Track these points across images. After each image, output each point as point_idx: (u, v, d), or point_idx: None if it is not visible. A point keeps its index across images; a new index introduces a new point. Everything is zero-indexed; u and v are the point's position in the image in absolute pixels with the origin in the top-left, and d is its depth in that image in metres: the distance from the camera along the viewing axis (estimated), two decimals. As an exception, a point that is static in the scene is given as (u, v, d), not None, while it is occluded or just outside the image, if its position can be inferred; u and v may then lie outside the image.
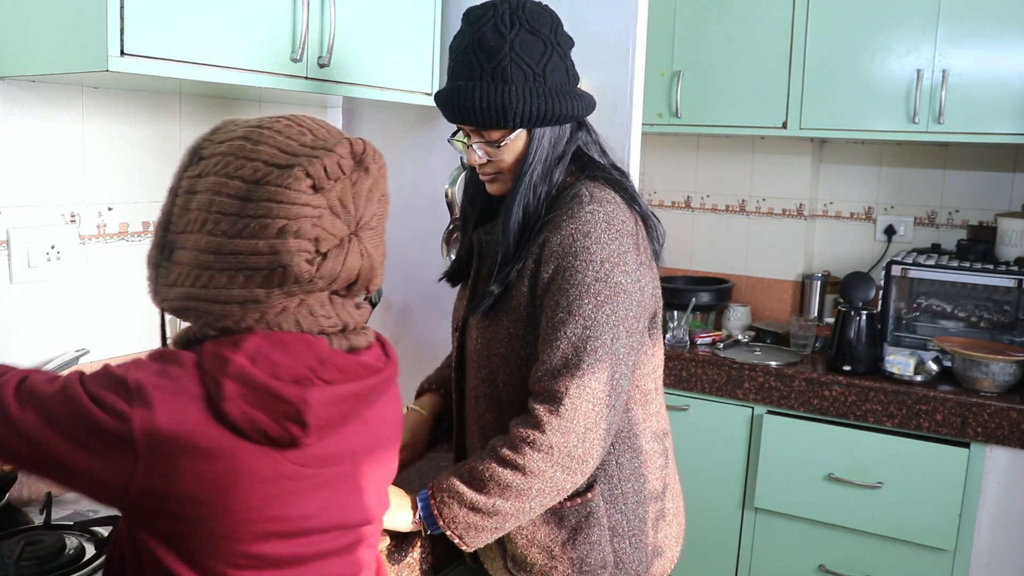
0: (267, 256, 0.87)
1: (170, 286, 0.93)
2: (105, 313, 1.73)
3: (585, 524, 1.31)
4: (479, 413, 1.39)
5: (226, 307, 0.89)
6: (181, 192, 0.94)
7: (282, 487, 0.87)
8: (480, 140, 1.33)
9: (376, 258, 0.96)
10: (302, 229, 0.87)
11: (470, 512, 1.24)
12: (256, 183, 0.88)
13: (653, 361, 1.39)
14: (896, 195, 3.14)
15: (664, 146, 3.40)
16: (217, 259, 0.89)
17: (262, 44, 1.50)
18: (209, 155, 0.93)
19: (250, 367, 0.85)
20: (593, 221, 1.26)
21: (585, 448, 1.23)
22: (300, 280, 0.88)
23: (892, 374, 2.58)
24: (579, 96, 1.34)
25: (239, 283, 0.88)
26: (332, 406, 0.89)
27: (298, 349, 0.88)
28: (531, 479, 1.22)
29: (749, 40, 2.89)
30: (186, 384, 0.85)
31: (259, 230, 0.87)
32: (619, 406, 1.27)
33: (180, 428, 0.82)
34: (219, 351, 0.86)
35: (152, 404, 0.82)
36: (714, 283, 3.20)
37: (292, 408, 0.85)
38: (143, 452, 0.82)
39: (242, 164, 0.89)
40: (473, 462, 1.26)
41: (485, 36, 1.27)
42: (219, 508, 0.85)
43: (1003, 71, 2.57)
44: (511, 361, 1.33)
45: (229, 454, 0.84)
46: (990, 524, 2.46)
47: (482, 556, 1.43)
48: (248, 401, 0.84)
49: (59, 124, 1.61)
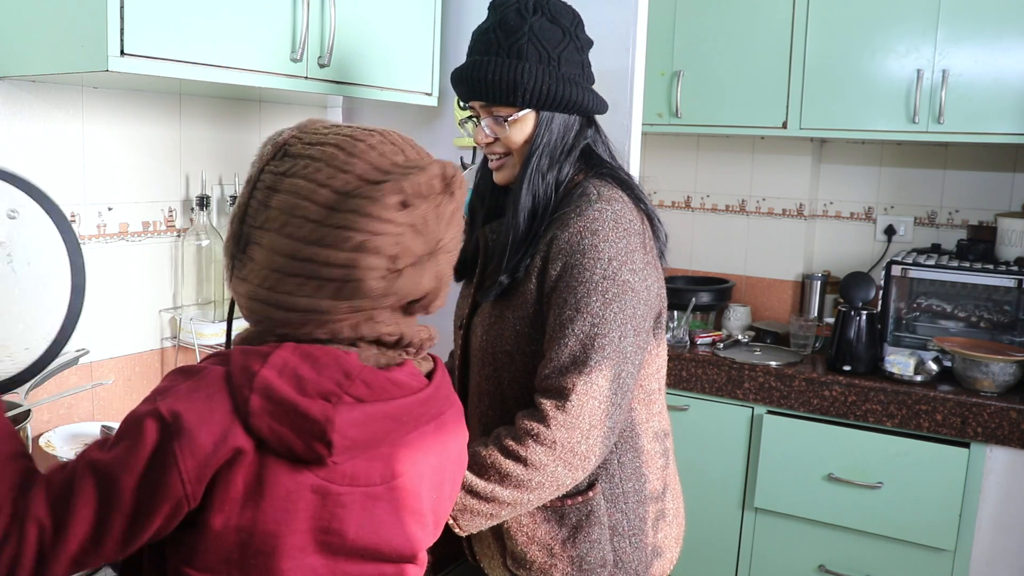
0: (342, 269, 0.86)
1: (242, 280, 0.92)
2: (105, 313, 1.73)
3: (586, 522, 1.31)
4: (482, 410, 1.40)
5: (291, 314, 0.88)
6: (262, 186, 0.92)
7: (307, 500, 0.85)
8: (489, 117, 1.34)
9: (445, 279, 0.95)
10: (382, 246, 0.86)
11: (467, 494, 1.24)
12: (346, 195, 0.87)
13: (657, 361, 1.40)
14: (896, 195, 3.14)
15: (664, 146, 3.40)
16: (290, 264, 0.87)
17: (262, 44, 1.50)
18: (297, 155, 0.91)
19: (276, 381, 0.83)
20: (601, 219, 1.27)
21: (588, 445, 1.23)
22: (370, 295, 0.87)
23: (892, 374, 2.58)
24: (592, 92, 1.35)
25: (307, 292, 0.87)
26: (360, 426, 0.86)
27: (326, 363, 0.86)
28: (532, 471, 1.22)
29: (749, 40, 2.89)
30: (219, 396, 0.83)
31: (339, 241, 0.86)
32: (624, 404, 1.27)
33: (216, 445, 0.81)
34: (247, 364, 0.84)
35: (191, 435, 0.80)
36: (714, 283, 3.20)
37: (318, 427, 0.82)
38: (191, 488, 0.81)
39: (333, 174, 0.88)
40: (477, 447, 1.26)
41: (507, 17, 1.30)
42: (248, 518, 0.83)
43: (1003, 71, 2.57)
44: (516, 358, 1.33)
45: (258, 465, 0.83)
46: (990, 524, 2.46)
47: (480, 554, 1.43)
48: (275, 417, 0.82)
49: (59, 124, 1.61)
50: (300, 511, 0.85)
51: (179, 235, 1.85)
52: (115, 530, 0.81)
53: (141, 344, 1.81)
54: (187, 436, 0.80)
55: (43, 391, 1.57)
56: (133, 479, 0.80)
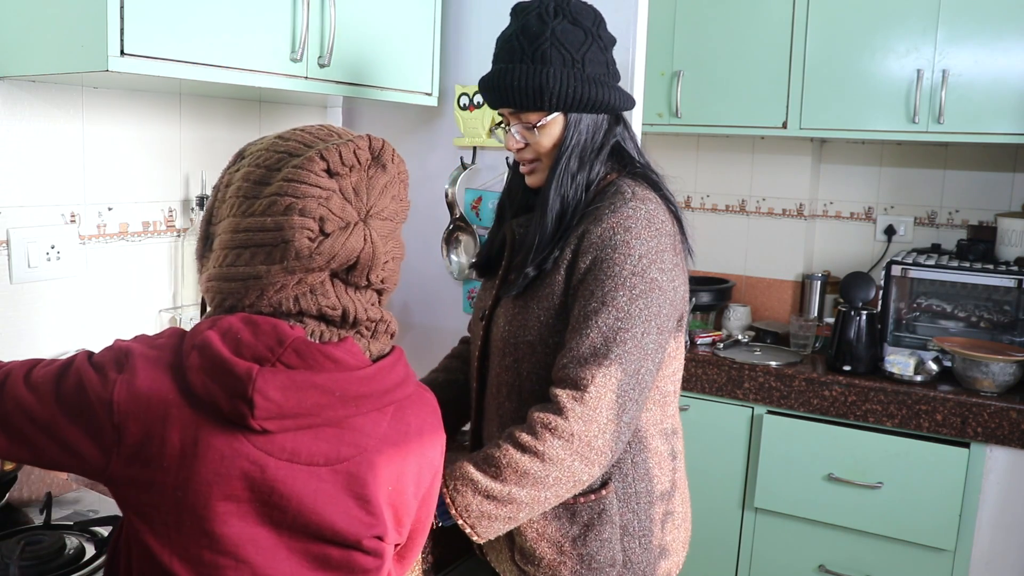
0: (272, 232, 0.91)
1: (206, 272, 0.98)
2: (105, 313, 1.73)
3: (597, 521, 1.31)
4: (499, 401, 1.39)
5: (233, 284, 0.93)
6: (221, 187, 1.00)
7: (242, 467, 0.87)
8: (519, 124, 1.36)
9: (380, 247, 0.96)
10: (307, 207, 0.91)
11: (484, 500, 1.23)
12: (277, 169, 0.94)
13: (675, 363, 1.40)
14: (896, 195, 3.14)
15: (664, 146, 3.40)
16: (233, 238, 0.94)
17: (262, 44, 1.50)
18: (248, 153, 1.00)
19: (216, 341, 0.88)
20: (635, 217, 1.28)
21: (605, 439, 1.23)
22: (300, 256, 0.90)
23: (892, 374, 2.58)
24: (618, 89, 1.36)
25: (245, 260, 0.93)
26: (283, 391, 0.87)
27: (266, 331, 0.90)
28: (549, 466, 1.21)
29: (749, 40, 2.89)
30: (167, 354, 0.89)
31: (268, 207, 0.92)
32: (642, 401, 1.27)
33: (153, 393, 0.86)
34: (200, 327, 0.90)
35: (135, 371, 0.87)
36: (714, 283, 3.20)
37: (241, 385, 0.86)
38: (119, 419, 0.86)
39: (269, 155, 0.96)
40: (489, 449, 1.26)
41: (529, 23, 1.32)
42: (183, 478, 0.86)
43: (1003, 71, 2.57)
44: (538, 349, 1.33)
45: (194, 424, 0.86)
46: (990, 524, 2.46)
47: (488, 548, 1.43)
48: (207, 373, 0.87)
49: (59, 124, 1.61)
50: (235, 478, 0.87)
51: (179, 235, 1.85)
52: (41, 414, 0.89)
53: (141, 344, 1.81)
54: (128, 372, 0.87)
55: (43, 391, 1.57)
56: (78, 381, 0.89)
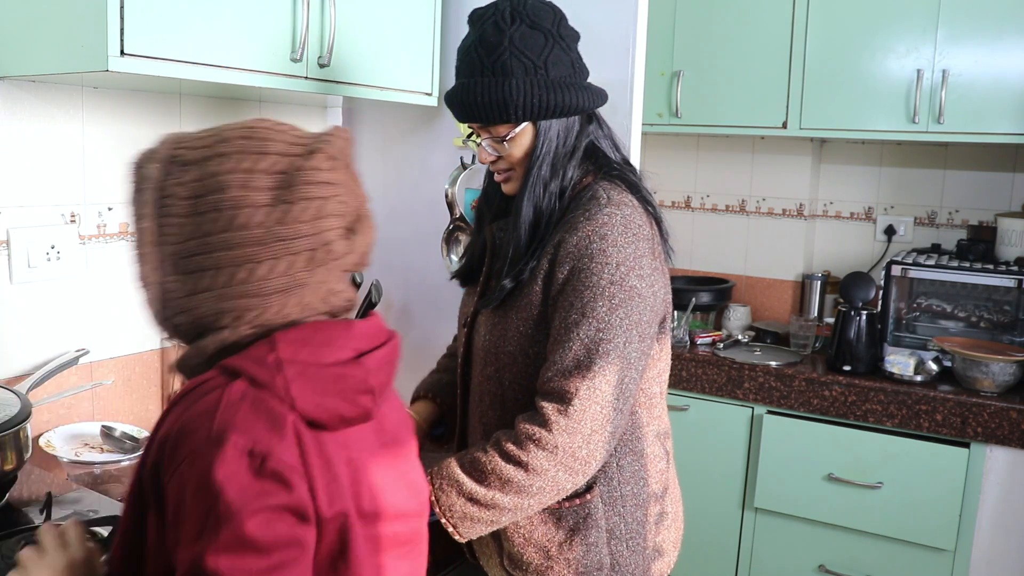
0: (309, 238, 0.88)
1: (191, 294, 0.95)
2: (105, 313, 1.73)
3: (583, 525, 1.31)
4: (482, 410, 1.39)
5: (253, 300, 0.87)
6: (175, 201, 0.94)
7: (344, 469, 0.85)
8: (488, 137, 1.34)
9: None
10: (335, 209, 0.88)
11: (468, 502, 1.24)
12: (286, 172, 0.88)
13: (659, 365, 1.39)
14: (896, 195, 3.14)
15: (664, 146, 3.40)
16: (259, 251, 0.88)
17: (262, 44, 1.50)
18: (195, 160, 0.94)
19: (299, 355, 0.83)
20: (610, 224, 1.26)
21: (589, 450, 1.23)
22: (337, 255, 0.88)
23: (892, 374, 2.58)
24: (586, 88, 1.33)
25: (282, 270, 0.86)
26: (379, 372, 0.88)
27: (319, 328, 0.87)
28: (533, 476, 1.22)
29: (749, 40, 2.89)
30: (264, 409, 0.80)
31: (300, 213, 0.87)
32: (626, 410, 1.27)
33: (293, 445, 0.80)
34: (259, 355, 0.83)
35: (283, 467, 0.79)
36: (714, 283, 3.20)
37: (357, 380, 0.84)
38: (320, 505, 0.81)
39: (257, 159, 0.89)
40: (476, 452, 1.26)
41: (486, 33, 1.29)
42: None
43: (1003, 71, 2.57)
44: (519, 359, 1.33)
45: (317, 442, 0.83)
46: (990, 524, 2.46)
47: (478, 552, 1.43)
48: (316, 390, 0.82)
49: (59, 124, 1.61)
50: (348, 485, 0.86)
51: (179, 235, 1.85)
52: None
53: (141, 344, 1.81)
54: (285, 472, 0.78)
55: (43, 391, 1.57)
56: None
